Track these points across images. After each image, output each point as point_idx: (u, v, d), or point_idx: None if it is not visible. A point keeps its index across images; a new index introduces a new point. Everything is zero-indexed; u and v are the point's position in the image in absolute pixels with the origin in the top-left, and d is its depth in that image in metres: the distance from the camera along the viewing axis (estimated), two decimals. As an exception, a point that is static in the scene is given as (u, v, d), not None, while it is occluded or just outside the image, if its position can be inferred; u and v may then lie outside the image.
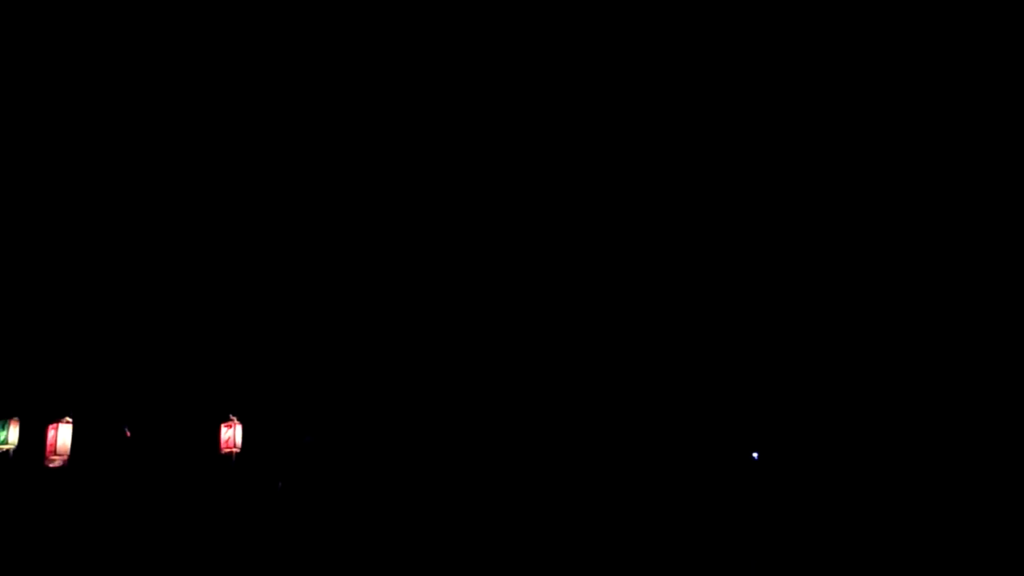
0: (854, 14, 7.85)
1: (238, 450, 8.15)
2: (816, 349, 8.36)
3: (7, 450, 7.70)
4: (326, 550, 7.54)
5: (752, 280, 8.58)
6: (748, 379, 8.41)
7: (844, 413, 8.13)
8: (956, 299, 8.07)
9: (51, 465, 7.75)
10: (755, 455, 8.25)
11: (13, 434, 7.72)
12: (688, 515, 7.75)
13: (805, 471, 7.95)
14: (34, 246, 8.28)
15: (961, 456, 7.64)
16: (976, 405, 7.78)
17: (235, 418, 8.22)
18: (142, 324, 8.48)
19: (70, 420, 7.84)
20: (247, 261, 8.68)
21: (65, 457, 7.81)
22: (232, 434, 8.20)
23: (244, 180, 8.65)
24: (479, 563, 7.34)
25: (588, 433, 8.31)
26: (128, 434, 7.95)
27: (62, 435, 7.81)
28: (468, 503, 7.77)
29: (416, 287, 8.79)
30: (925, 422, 7.85)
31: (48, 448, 7.79)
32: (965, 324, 7.98)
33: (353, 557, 7.44)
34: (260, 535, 7.58)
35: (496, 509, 7.68)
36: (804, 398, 8.25)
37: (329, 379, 8.43)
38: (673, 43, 8.17)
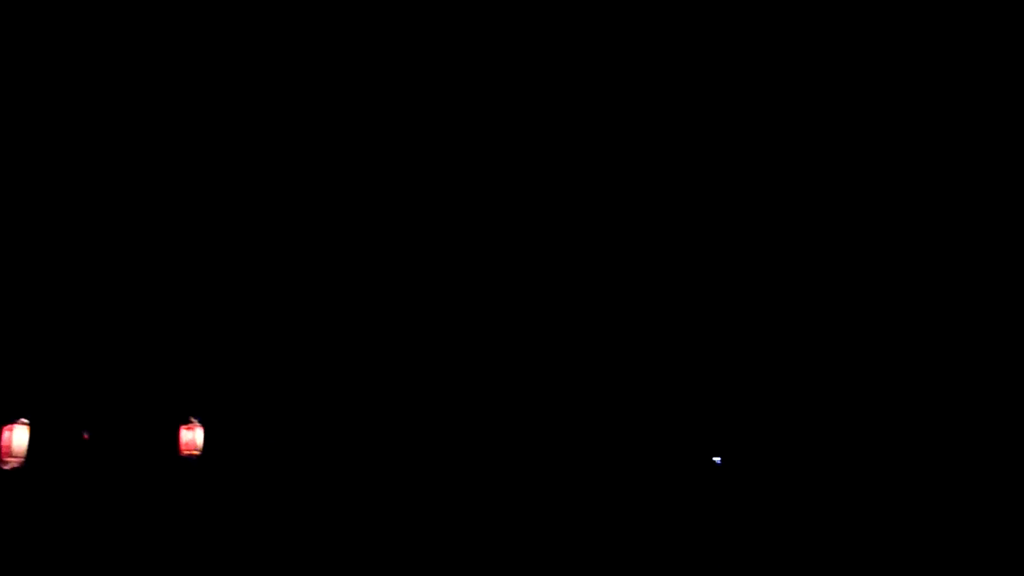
0: (854, 14, 7.89)
1: (199, 453, 8.10)
2: (805, 349, 8.43)
3: (-39, 452, 7.57)
4: (289, 554, 7.54)
5: (744, 279, 8.63)
6: (737, 378, 8.48)
7: (832, 414, 8.22)
8: (948, 299, 8.14)
9: (6, 467, 7.64)
10: (717, 460, 8.36)
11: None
12: (676, 516, 7.85)
13: (789, 474, 8.07)
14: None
15: (948, 458, 7.77)
16: (964, 406, 7.89)
17: (196, 420, 8.16)
18: (100, 320, 8.35)
19: (27, 422, 7.72)
20: (209, 253, 8.59)
21: (21, 459, 7.69)
22: (193, 436, 8.14)
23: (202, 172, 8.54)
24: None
25: (571, 433, 8.36)
26: (86, 436, 7.86)
27: (18, 436, 7.69)
28: (442, 515, 7.81)
29: (386, 276, 8.75)
30: (913, 424, 7.97)
31: (3, 450, 7.67)
32: (958, 325, 8.07)
33: (318, 562, 7.45)
34: (221, 538, 7.56)
35: (473, 518, 7.72)
36: (789, 399, 8.34)
37: (296, 380, 8.38)
38: (673, 43, 8.15)
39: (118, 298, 8.38)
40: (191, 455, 8.00)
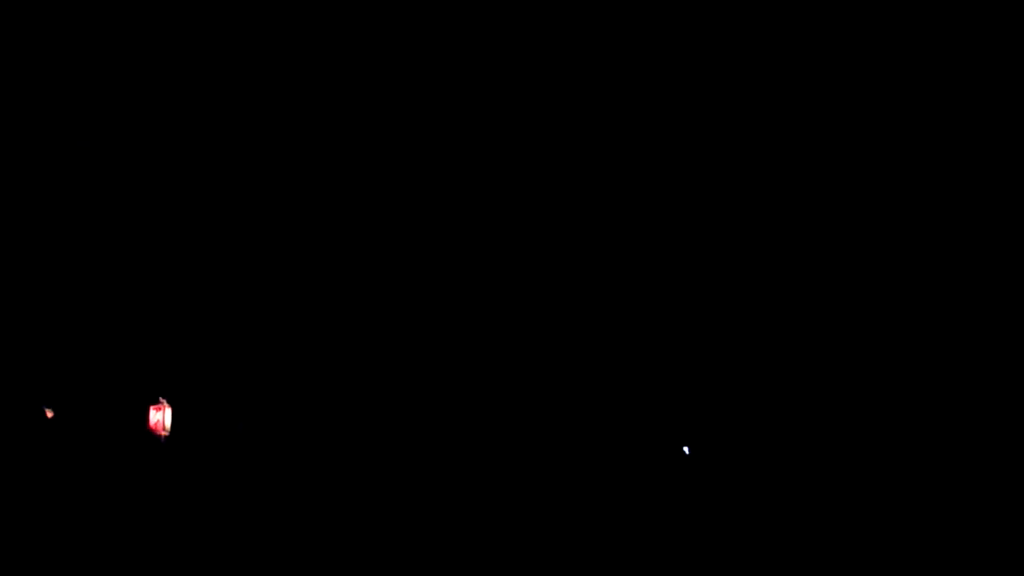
0: (854, 14, 7.99)
1: (167, 433, 8.08)
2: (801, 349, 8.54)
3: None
4: (256, 539, 7.56)
5: (741, 280, 8.71)
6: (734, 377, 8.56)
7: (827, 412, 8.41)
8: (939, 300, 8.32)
9: (-31, 444, 7.51)
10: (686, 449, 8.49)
11: None
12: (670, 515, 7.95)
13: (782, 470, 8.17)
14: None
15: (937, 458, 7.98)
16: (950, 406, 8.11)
17: (164, 400, 8.13)
18: (66, 297, 8.22)
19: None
20: (182, 233, 8.49)
21: (-17, 436, 7.57)
22: (161, 417, 8.11)
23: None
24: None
25: (571, 433, 8.42)
26: (49, 414, 7.76)
27: (-19, 413, 7.57)
28: (428, 508, 7.83)
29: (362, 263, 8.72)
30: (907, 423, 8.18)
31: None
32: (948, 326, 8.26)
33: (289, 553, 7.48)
34: (190, 519, 7.55)
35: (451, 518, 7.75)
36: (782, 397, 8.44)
37: (267, 363, 8.37)
38: (673, 43, 8.17)
39: (87, 272, 8.26)
40: (159, 436, 7.98)
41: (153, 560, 7.09)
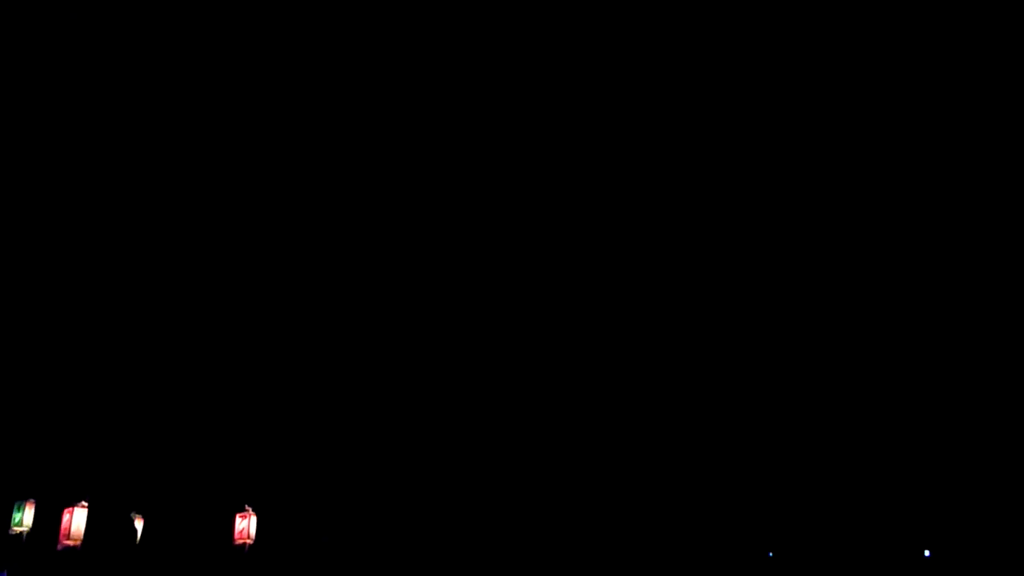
0: (854, 14, 7.93)
1: (252, 542, 8.20)
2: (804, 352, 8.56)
3: (21, 532, 7.62)
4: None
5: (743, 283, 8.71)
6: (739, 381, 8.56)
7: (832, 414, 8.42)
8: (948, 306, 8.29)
9: (64, 549, 7.69)
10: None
11: (28, 516, 7.66)
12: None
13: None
14: (47, 322, 8.16)
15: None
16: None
17: (250, 508, 8.25)
18: (159, 406, 8.44)
19: (86, 504, 7.79)
20: (271, 340, 8.68)
21: (79, 541, 7.76)
22: (247, 525, 8.24)
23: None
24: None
25: (570, 433, 8.42)
26: (141, 519, 7.93)
27: (77, 519, 7.76)
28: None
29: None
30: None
31: (62, 532, 7.73)
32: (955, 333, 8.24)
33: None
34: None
35: None
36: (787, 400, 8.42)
37: (354, 474, 8.48)
38: (674, 43, 8.23)
39: (178, 384, 8.47)
40: (244, 543, 8.10)
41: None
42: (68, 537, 7.73)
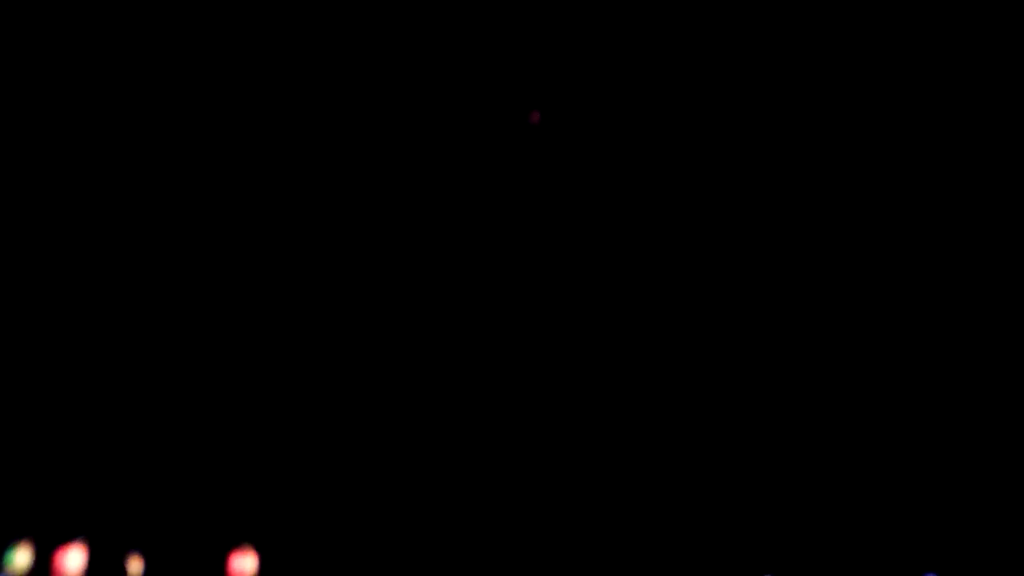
0: (854, 14, 8.01)
1: (251, 581, 8.00)
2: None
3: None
4: None
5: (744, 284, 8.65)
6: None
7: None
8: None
9: (59, 591, 7.54)
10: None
11: (23, 558, 7.50)
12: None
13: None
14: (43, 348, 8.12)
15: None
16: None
17: (250, 545, 8.07)
18: (156, 437, 8.31)
19: (85, 542, 7.63)
20: (268, 358, 8.57)
21: (75, 583, 7.60)
22: (244, 564, 8.04)
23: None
24: None
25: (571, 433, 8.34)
26: (142, 560, 7.76)
27: (73, 559, 7.60)
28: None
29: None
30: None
31: (56, 573, 7.57)
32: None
33: None
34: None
35: None
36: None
37: (362, 508, 8.29)
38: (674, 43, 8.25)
39: (177, 414, 8.34)
40: (244, 583, 7.91)
41: None
42: (63, 579, 7.58)
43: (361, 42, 8.48)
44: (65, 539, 7.66)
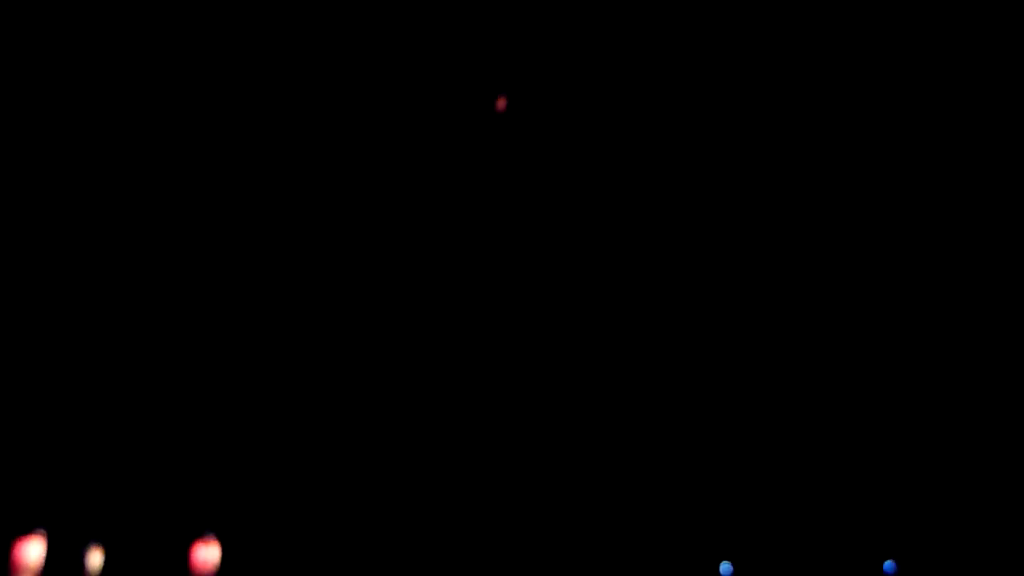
0: (854, 14, 7.90)
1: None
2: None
3: (-28, 566, 7.46)
4: None
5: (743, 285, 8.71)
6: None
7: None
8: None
9: (17, 582, 7.55)
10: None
11: (-19, 549, 7.49)
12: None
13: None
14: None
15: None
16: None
17: (213, 535, 8.03)
18: (113, 421, 8.23)
19: (43, 533, 7.60)
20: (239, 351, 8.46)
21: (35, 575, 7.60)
22: (207, 555, 8.02)
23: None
24: None
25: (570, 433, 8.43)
26: (102, 550, 7.74)
27: (31, 551, 7.58)
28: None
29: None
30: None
31: (14, 566, 7.57)
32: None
33: None
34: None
35: None
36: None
37: (331, 496, 8.25)
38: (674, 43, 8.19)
39: (132, 396, 8.25)
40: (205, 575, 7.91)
41: None
42: (22, 570, 7.58)
43: (338, 37, 8.28)
44: (24, 531, 7.64)
